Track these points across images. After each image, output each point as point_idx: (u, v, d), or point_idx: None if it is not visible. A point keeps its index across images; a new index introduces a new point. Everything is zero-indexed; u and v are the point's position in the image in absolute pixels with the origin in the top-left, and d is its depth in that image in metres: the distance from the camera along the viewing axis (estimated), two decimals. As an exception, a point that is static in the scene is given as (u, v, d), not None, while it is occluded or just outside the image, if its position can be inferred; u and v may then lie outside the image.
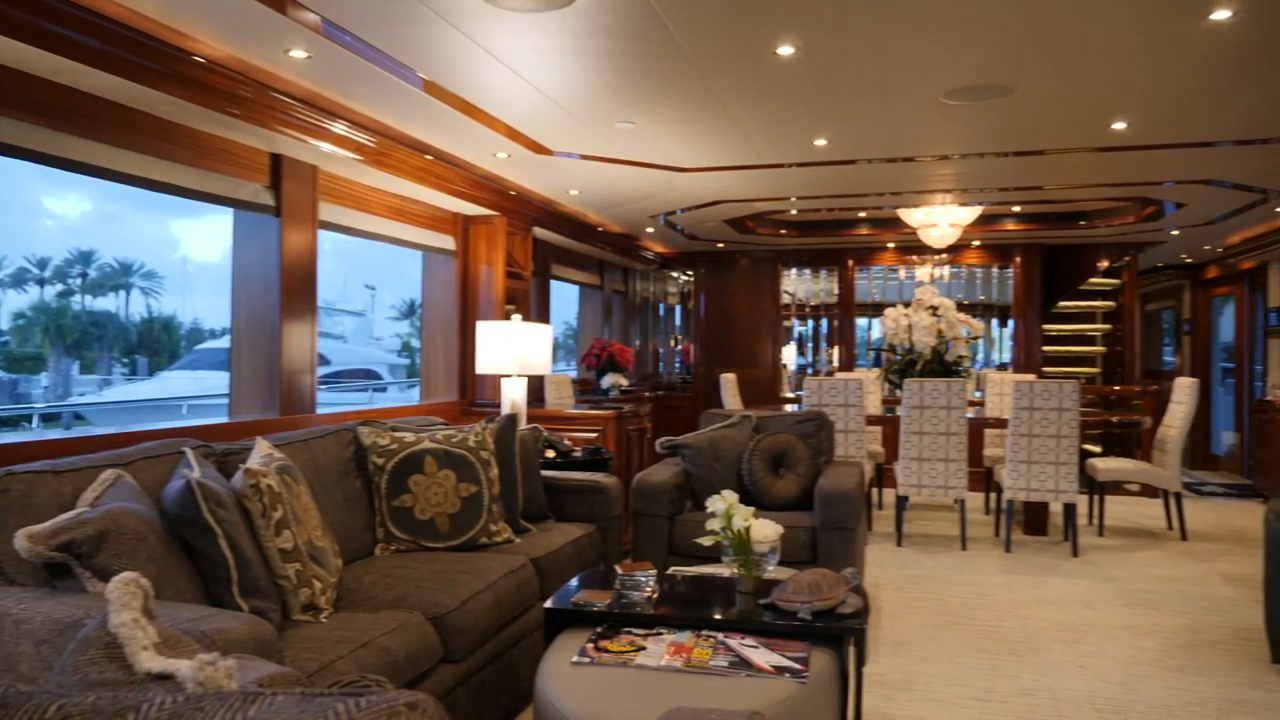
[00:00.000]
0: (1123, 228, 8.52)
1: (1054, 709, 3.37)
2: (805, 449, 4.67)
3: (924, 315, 6.99)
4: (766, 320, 10.43)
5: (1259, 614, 3.97)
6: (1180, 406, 6.58)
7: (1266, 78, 4.11)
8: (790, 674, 2.35)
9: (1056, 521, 6.72)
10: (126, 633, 1.10)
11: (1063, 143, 5.45)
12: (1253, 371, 10.12)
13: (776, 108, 4.67)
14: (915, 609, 4.65)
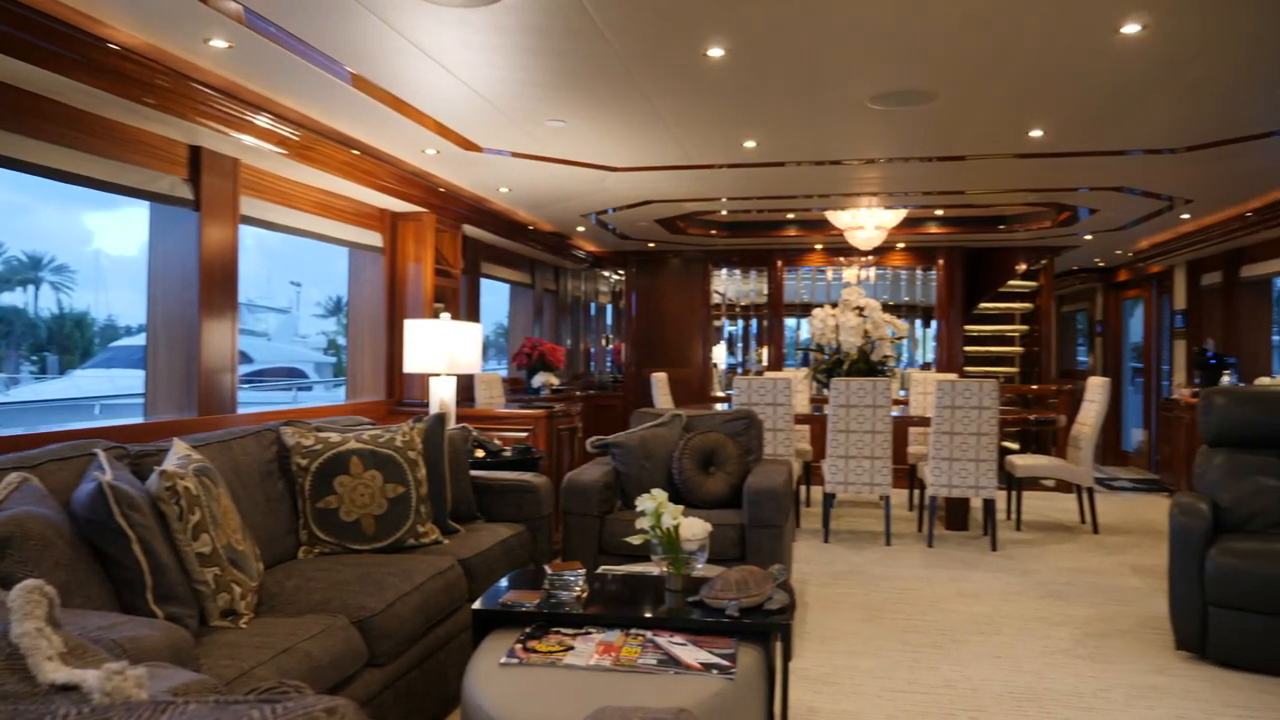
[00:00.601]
0: (1040, 232, 8.80)
1: (973, 699, 3.46)
2: (734, 447, 4.72)
3: (851, 316, 7.12)
4: (697, 320, 10.51)
5: (1164, 603, 4.15)
6: (1093, 405, 6.83)
7: (1173, 90, 4.29)
8: (718, 670, 2.37)
9: (977, 517, 6.92)
10: (29, 643, 1.06)
11: (983, 149, 5.61)
12: (1160, 371, 10.56)
13: (707, 109, 4.70)
14: (841, 604, 4.74)
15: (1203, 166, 5.84)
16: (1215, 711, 3.36)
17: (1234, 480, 4.25)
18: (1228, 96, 4.41)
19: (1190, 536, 3.94)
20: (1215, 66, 3.94)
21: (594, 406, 9.62)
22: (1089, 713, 3.34)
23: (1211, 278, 9.08)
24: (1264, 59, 3.86)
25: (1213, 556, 3.85)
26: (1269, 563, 3.75)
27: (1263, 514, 4.14)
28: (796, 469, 6.66)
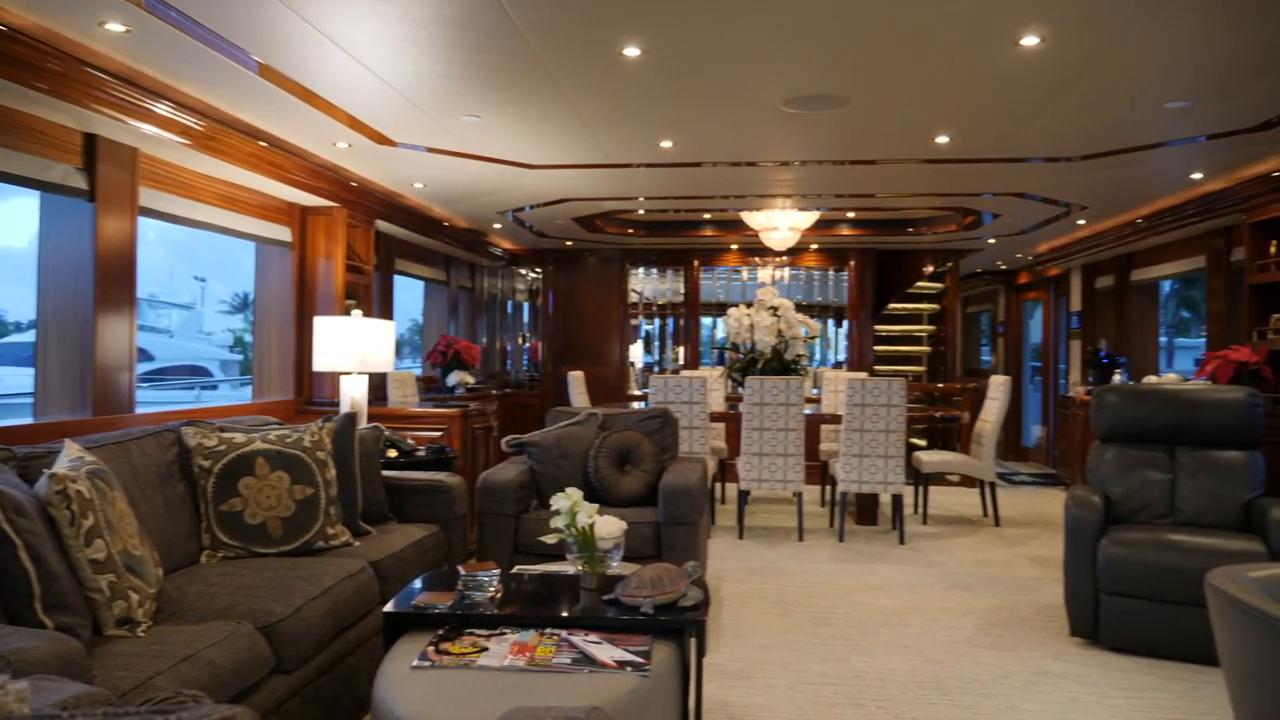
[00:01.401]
0: (946, 235, 9.09)
1: (881, 689, 3.56)
2: (650, 446, 4.74)
3: (765, 315, 7.23)
4: (614, 318, 10.52)
5: (1060, 592, 4.33)
6: (994, 403, 7.08)
7: (1069, 101, 4.48)
8: (632, 668, 2.38)
9: (886, 511, 7.11)
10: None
11: (892, 153, 5.76)
12: (1057, 370, 11.02)
13: (623, 108, 4.71)
14: (755, 599, 4.81)
15: (1097, 175, 6.12)
16: (1106, 694, 3.53)
17: (1124, 474, 4.46)
18: (1120, 109, 4.63)
19: (1083, 528, 4.12)
20: (1108, 80, 4.13)
21: (510, 405, 9.55)
22: (989, 699, 3.46)
23: (1105, 281, 9.52)
24: (1153, 75, 4.06)
25: (1104, 547, 4.04)
26: (1155, 552, 3.95)
27: (1150, 505, 4.36)
28: (712, 466, 6.73)
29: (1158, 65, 3.93)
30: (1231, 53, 3.77)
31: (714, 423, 7.22)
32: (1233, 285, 7.07)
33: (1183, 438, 4.46)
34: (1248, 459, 4.32)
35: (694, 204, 7.99)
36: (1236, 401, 4.39)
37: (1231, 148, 5.31)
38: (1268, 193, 5.93)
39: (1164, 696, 3.51)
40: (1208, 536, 4.01)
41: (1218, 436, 4.40)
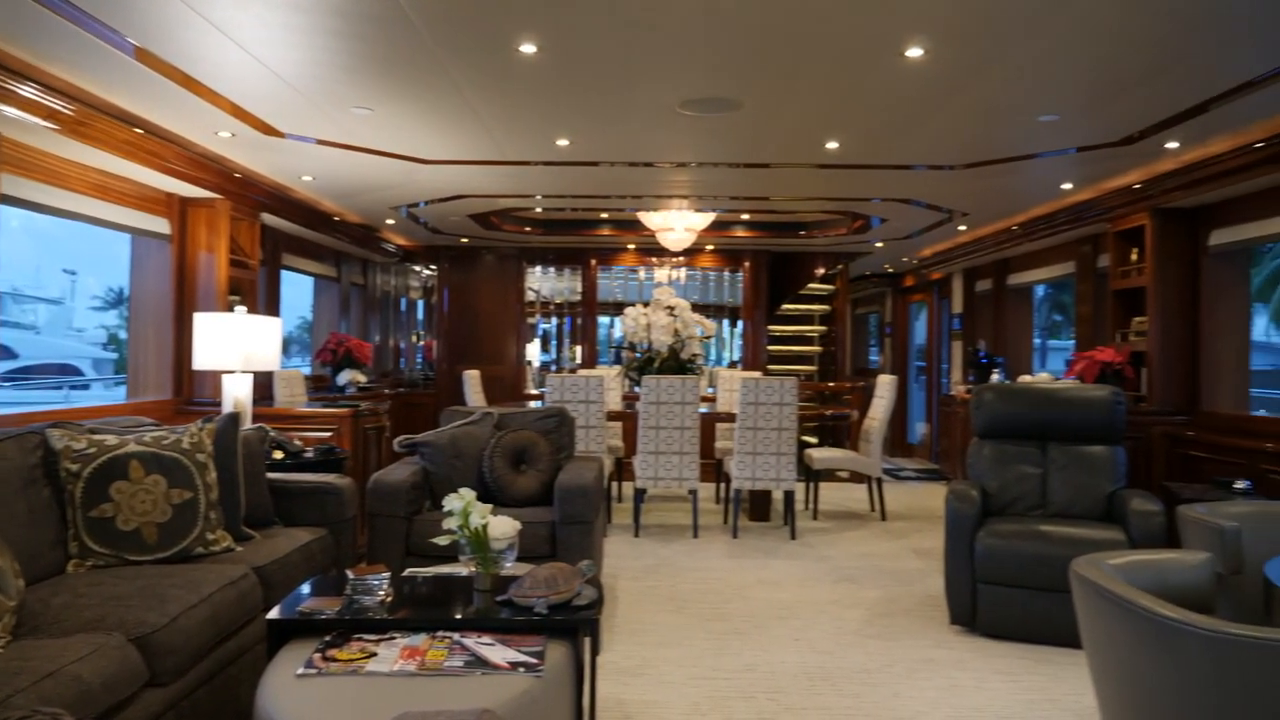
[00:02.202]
0: (837, 238, 9.35)
1: (772, 681, 3.63)
2: (546, 445, 4.72)
3: (662, 315, 7.29)
4: (511, 317, 10.44)
5: (942, 582, 4.50)
6: (881, 401, 7.32)
7: (952, 111, 4.67)
8: (525, 669, 2.37)
9: (778, 508, 7.26)
10: None
11: (785, 158, 5.89)
12: (940, 369, 11.48)
13: (520, 105, 4.68)
14: (650, 596, 4.84)
15: (977, 183, 6.39)
16: (983, 678, 3.69)
17: (1000, 468, 4.68)
18: (998, 120, 4.85)
19: (962, 521, 4.30)
20: (987, 92, 4.32)
21: (404, 405, 9.36)
22: (875, 687, 3.58)
23: (984, 284, 9.95)
24: (1027, 89, 4.27)
25: (981, 538, 4.23)
26: (1027, 542, 4.16)
27: (1023, 498, 4.59)
28: (608, 465, 6.75)
29: (1032, 80, 4.14)
30: (1098, 72, 4.00)
31: (611, 421, 7.24)
32: (1099, 290, 7.50)
33: (1053, 434, 4.71)
34: (1111, 453, 4.59)
35: (592, 203, 7.99)
36: (1101, 400, 4.66)
37: (1098, 160, 5.63)
38: (1129, 203, 6.31)
39: (1035, 678, 3.69)
40: (1075, 527, 4.24)
41: (1085, 432, 4.66)
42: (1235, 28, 3.46)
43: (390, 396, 8.41)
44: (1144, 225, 6.25)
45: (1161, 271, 6.17)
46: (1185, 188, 5.67)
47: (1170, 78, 4.05)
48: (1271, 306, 22.83)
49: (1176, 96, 4.34)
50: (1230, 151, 5.13)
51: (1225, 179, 5.32)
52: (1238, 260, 6.12)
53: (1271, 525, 2.76)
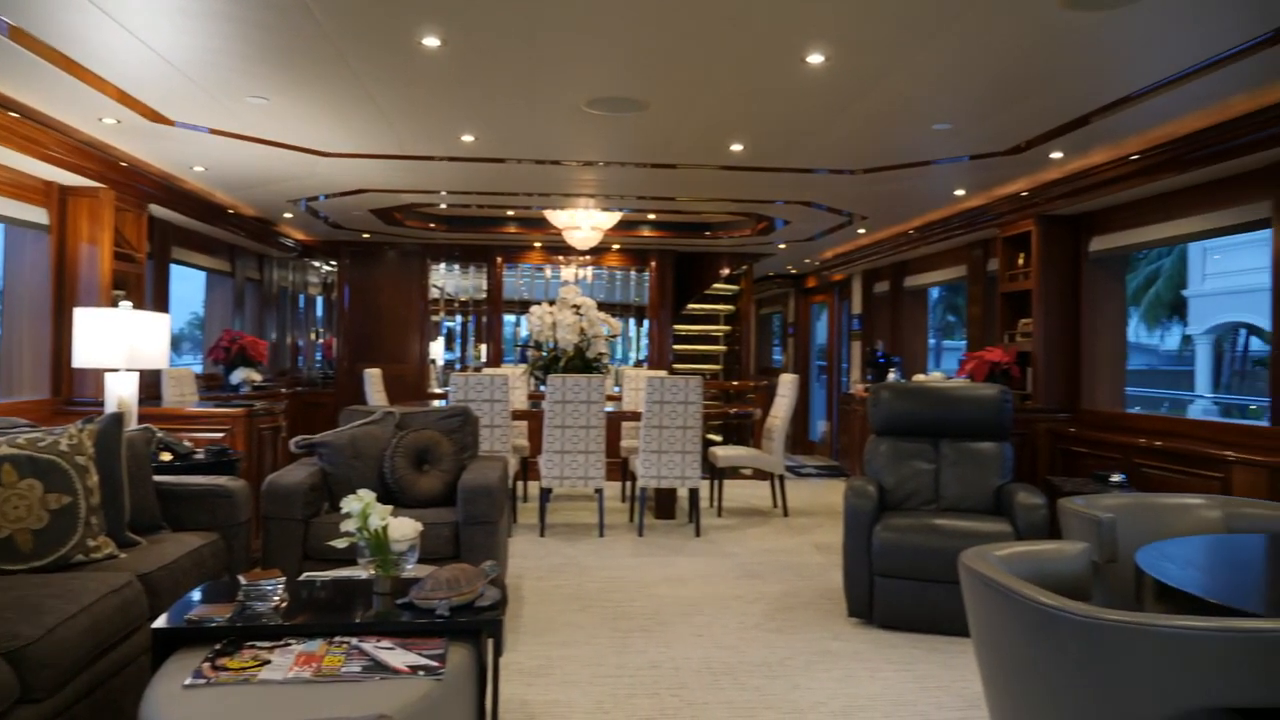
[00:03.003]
0: (741, 239, 9.49)
1: (676, 677, 3.67)
2: (450, 445, 4.66)
3: (568, 314, 7.27)
4: (415, 315, 10.25)
5: (840, 576, 4.62)
6: (784, 399, 7.47)
7: (852, 117, 4.80)
8: (426, 672, 2.33)
9: (684, 505, 7.33)
10: None
11: (691, 159, 5.95)
12: (840, 368, 11.78)
13: (423, 99, 4.60)
14: (555, 596, 4.83)
15: (876, 187, 6.58)
16: (878, 668, 3.80)
17: (896, 465, 4.83)
18: (895, 127, 5.01)
19: (860, 516, 4.42)
20: (885, 100, 4.45)
21: (302, 404, 9.09)
22: (775, 680, 3.65)
23: (882, 286, 10.26)
24: (923, 98, 4.42)
25: (878, 533, 4.36)
26: (920, 536, 4.30)
27: (917, 493, 4.75)
28: (514, 465, 6.70)
29: (926, 89, 4.29)
30: (988, 83, 4.17)
31: (516, 421, 7.19)
32: (989, 293, 7.81)
33: (945, 431, 4.89)
34: (999, 449, 4.79)
35: (497, 200, 7.92)
36: (990, 398, 4.86)
37: (988, 168, 5.87)
38: (1017, 210, 6.60)
39: (927, 667, 3.83)
40: (965, 520, 4.41)
41: (974, 429, 4.85)
42: (1114, 46, 3.65)
43: (288, 396, 8.16)
44: (1030, 231, 6.55)
45: (1046, 276, 6.47)
46: (1068, 196, 5.96)
47: (1055, 91, 4.26)
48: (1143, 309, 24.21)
49: (1060, 109, 4.56)
50: (1109, 163, 5.41)
51: (1104, 188, 5.61)
52: (1114, 266, 6.47)
53: (1143, 516, 2.93)
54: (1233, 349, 23.97)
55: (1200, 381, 22.14)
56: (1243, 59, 3.67)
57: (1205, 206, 5.28)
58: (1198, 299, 21.45)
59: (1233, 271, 19.46)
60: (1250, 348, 23.05)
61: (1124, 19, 3.34)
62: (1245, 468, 4.36)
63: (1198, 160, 4.83)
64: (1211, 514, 2.95)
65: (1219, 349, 23.18)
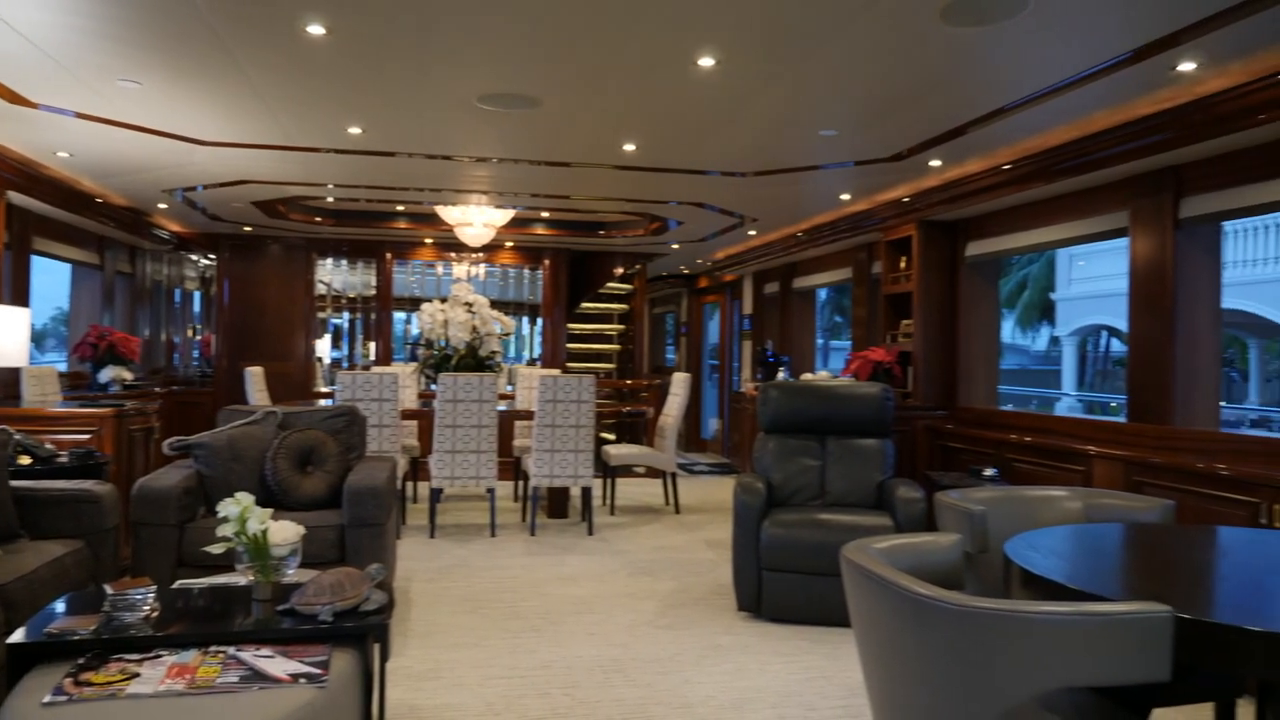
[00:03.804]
0: (635, 239, 9.54)
1: (568, 676, 3.66)
2: (335, 445, 4.53)
3: (460, 311, 7.17)
4: (299, 311, 9.92)
5: (730, 571, 4.70)
6: (676, 398, 7.55)
7: (743, 121, 4.88)
8: (308, 680, 2.26)
9: (576, 504, 7.32)
10: None
11: (585, 157, 5.95)
12: (732, 367, 11.98)
13: (308, 89, 4.46)
14: (445, 598, 4.76)
15: (766, 190, 6.72)
16: (766, 660, 3.89)
17: (783, 461, 4.95)
18: (784, 132, 5.12)
19: (749, 512, 4.51)
20: (773, 104, 4.55)
21: (177, 404, 8.68)
22: (666, 675, 3.69)
23: (772, 287, 10.48)
24: (810, 103, 4.53)
25: (766, 528, 4.45)
26: (806, 530, 4.42)
27: (804, 489, 4.87)
28: (403, 465, 6.57)
29: (813, 96, 4.40)
30: (872, 92, 4.31)
31: (406, 420, 7.04)
32: (873, 294, 8.08)
33: (831, 428, 5.03)
34: (881, 446, 4.96)
35: (387, 195, 7.73)
36: (873, 396, 5.03)
37: (872, 174, 6.07)
38: (899, 215, 6.85)
39: (813, 658, 3.93)
40: (849, 515, 4.55)
41: (858, 426, 5.01)
42: (989, 60, 3.83)
43: (162, 395, 7.78)
44: (911, 236, 6.80)
45: (925, 279, 6.73)
46: (946, 203, 6.22)
47: (934, 101, 4.43)
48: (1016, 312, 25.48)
49: (939, 119, 4.75)
50: (983, 172, 5.68)
51: (979, 196, 5.88)
52: (989, 270, 6.78)
53: (1012, 508, 3.08)
54: (1096, 350, 25.50)
55: (1067, 380, 23.44)
56: (1104, 77, 3.91)
57: (1071, 215, 5.59)
58: (1065, 302, 22.69)
59: (1096, 277, 20.66)
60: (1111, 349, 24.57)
61: (998, 35, 3.51)
62: (1104, 461, 4.64)
63: (1063, 171, 5.11)
64: (1073, 505, 3.13)
65: (1083, 350, 24.61)
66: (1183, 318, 4.75)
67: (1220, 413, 5.01)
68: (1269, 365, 21.16)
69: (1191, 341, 4.77)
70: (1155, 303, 4.83)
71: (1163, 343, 4.78)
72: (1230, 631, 1.73)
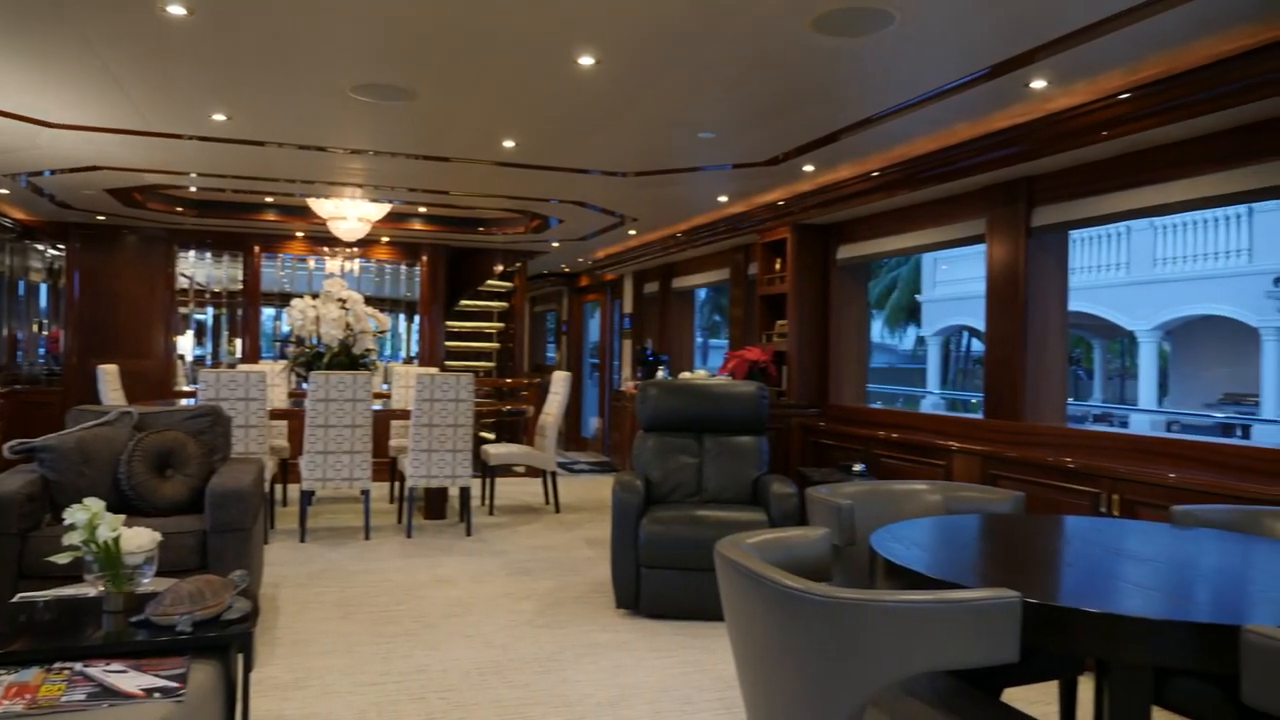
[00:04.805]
0: (515, 237, 9.46)
1: (444, 680, 3.60)
2: (197, 447, 4.31)
3: (332, 308, 6.94)
4: (159, 306, 9.41)
5: (609, 569, 4.72)
6: (556, 397, 7.53)
7: (623, 121, 4.91)
8: (163, 694, 2.15)
9: (455, 505, 7.21)
10: None
11: (464, 153, 5.86)
12: (612, 366, 12.04)
13: (167, 72, 4.24)
14: (315, 604, 4.60)
15: (646, 191, 6.78)
16: (644, 657, 3.93)
17: (662, 459, 5.00)
18: (663, 133, 5.17)
19: (627, 510, 4.55)
20: (653, 106, 4.59)
21: (21, 404, 8.11)
22: (544, 675, 3.68)
23: (652, 287, 10.58)
24: (689, 105, 4.60)
25: (644, 525, 4.49)
26: (684, 527, 4.48)
27: (682, 486, 4.95)
28: (271, 467, 6.32)
29: (692, 98, 4.46)
30: (748, 97, 4.41)
31: (275, 420, 6.78)
32: (749, 295, 8.26)
33: (708, 426, 5.12)
34: (756, 443, 5.08)
35: (255, 185, 7.41)
36: (748, 394, 5.14)
37: (749, 177, 6.20)
38: (775, 218, 7.02)
39: (690, 652, 3.99)
40: (725, 511, 4.64)
41: (735, 425, 5.11)
42: (860, 70, 3.97)
43: (4, 395, 7.25)
44: (786, 238, 6.99)
45: (799, 280, 6.93)
46: (819, 207, 6.42)
47: (808, 108, 4.57)
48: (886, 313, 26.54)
49: (812, 126, 4.90)
50: (854, 178, 5.88)
51: (849, 201, 6.09)
52: (859, 273, 7.04)
53: (878, 501, 3.21)
54: (958, 349, 26.84)
55: (931, 379, 24.58)
56: (964, 91, 4.11)
57: (935, 221, 5.86)
58: (930, 304, 23.77)
59: (958, 280, 21.73)
60: (972, 348, 25.90)
61: (867, 47, 3.65)
62: (964, 456, 4.89)
63: (928, 179, 5.35)
64: (934, 498, 3.28)
65: (947, 349, 25.86)
66: (1034, 319, 5.05)
67: (1067, 409, 5.36)
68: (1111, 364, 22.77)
69: (1042, 342, 5.07)
70: (1009, 305, 5.11)
71: (1016, 343, 5.06)
72: (1071, 614, 1.85)
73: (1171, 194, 4.27)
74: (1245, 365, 16.34)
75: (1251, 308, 15.08)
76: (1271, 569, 2.32)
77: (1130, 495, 3.81)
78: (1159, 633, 1.79)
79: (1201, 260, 16.15)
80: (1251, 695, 1.64)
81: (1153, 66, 3.69)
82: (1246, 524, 2.79)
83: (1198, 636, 1.78)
